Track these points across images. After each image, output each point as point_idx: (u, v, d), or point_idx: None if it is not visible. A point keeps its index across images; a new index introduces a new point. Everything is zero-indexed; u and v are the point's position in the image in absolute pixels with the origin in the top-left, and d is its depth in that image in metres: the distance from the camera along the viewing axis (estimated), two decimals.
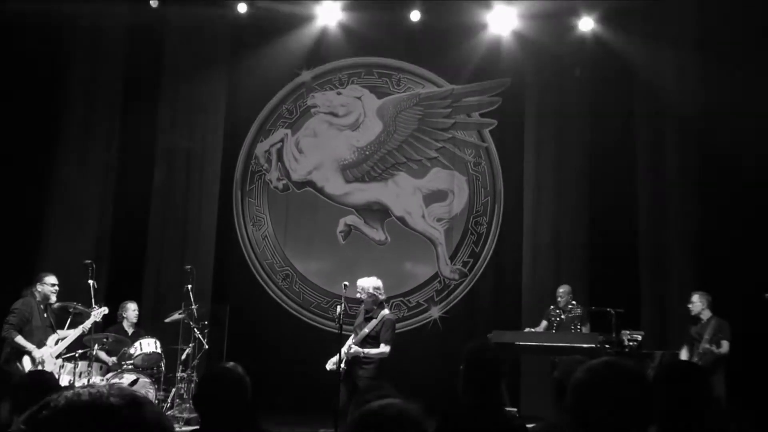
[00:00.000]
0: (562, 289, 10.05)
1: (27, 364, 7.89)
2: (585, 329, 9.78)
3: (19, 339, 7.84)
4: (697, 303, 9.20)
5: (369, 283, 7.77)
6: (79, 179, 11.47)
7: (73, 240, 11.24)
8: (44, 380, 4.16)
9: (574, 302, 9.98)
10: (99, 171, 11.59)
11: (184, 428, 8.98)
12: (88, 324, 8.47)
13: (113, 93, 11.72)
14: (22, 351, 7.92)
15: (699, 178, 10.72)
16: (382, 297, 8.02)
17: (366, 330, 7.63)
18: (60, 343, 8.18)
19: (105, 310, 8.80)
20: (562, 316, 9.89)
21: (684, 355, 9.14)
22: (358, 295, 7.89)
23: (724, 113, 10.13)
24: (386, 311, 7.88)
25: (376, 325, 7.62)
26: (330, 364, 7.76)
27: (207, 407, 3.12)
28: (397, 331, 11.46)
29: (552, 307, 10.09)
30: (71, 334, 8.31)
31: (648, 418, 2.14)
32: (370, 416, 1.82)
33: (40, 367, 7.89)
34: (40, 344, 8.01)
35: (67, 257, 10.97)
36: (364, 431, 1.80)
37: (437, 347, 11.54)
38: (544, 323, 10.03)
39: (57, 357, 8.26)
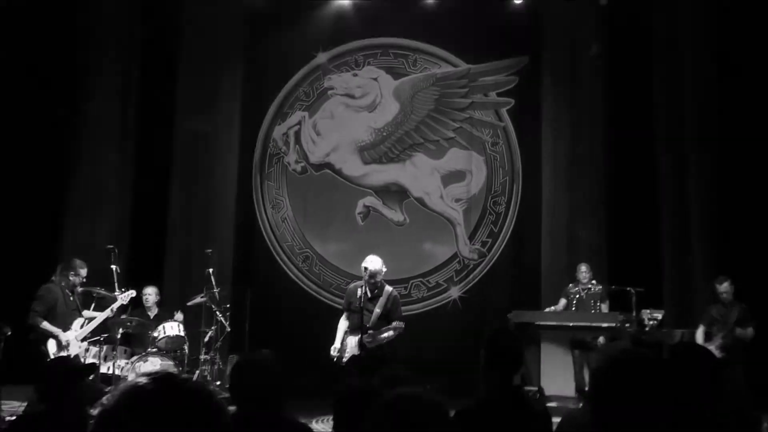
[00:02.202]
0: (583, 267, 10.04)
1: (52, 347, 7.97)
2: (604, 307, 9.78)
3: (45, 325, 7.93)
4: (731, 291, 9.16)
5: (380, 264, 7.69)
6: (98, 164, 11.53)
7: (93, 225, 11.33)
8: (66, 366, 4.24)
9: (594, 281, 9.97)
10: (118, 155, 11.64)
11: None
12: (114, 307, 8.54)
13: (131, 77, 11.76)
14: (48, 335, 8.00)
15: (721, 151, 10.64)
16: None
17: (378, 310, 7.57)
18: (85, 327, 8.24)
19: (132, 293, 8.86)
20: (582, 294, 9.89)
21: (700, 334, 9.10)
22: (373, 280, 7.70)
23: (744, 83, 10.09)
24: (389, 287, 7.81)
25: (386, 303, 7.58)
26: (350, 351, 7.62)
27: (241, 393, 3.19)
28: (417, 312, 11.60)
29: (571, 285, 10.09)
30: (97, 318, 8.37)
31: (668, 406, 2.16)
32: (393, 406, 1.84)
33: (65, 351, 7.98)
34: (66, 328, 8.09)
35: (88, 242, 11.08)
36: (386, 421, 1.82)
37: (457, 327, 11.59)
38: (563, 301, 10.04)
39: (82, 340, 8.33)
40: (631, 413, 2.11)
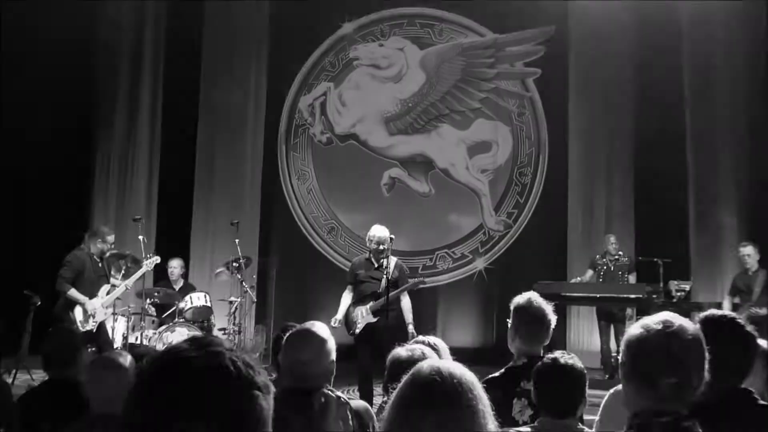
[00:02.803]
0: (612, 238, 9.96)
1: (78, 314, 7.99)
2: (631, 278, 9.72)
3: (72, 292, 7.96)
4: (754, 255, 9.01)
5: (387, 232, 7.59)
6: (126, 137, 11.61)
7: (122, 197, 11.43)
8: (71, 338, 4.29)
9: (621, 252, 9.90)
10: (145, 128, 11.70)
11: None
12: (139, 273, 8.58)
13: (156, 50, 11.79)
14: (74, 302, 8.04)
15: (750, 122, 10.50)
16: None
17: (386, 277, 7.46)
18: (112, 293, 8.27)
19: (157, 259, 8.87)
20: (609, 265, 9.81)
21: (727, 305, 8.93)
22: (381, 246, 7.56)
23: None
24: (393, 257, 7.69)
25: (393, 270, 7.52)
26: (363, 320, 7.53)
27: (286, 364, 3.20)
28: (442, 283, 11.61)
29: (598, 256, 10.03)
30: (123, 284, 8.40)
31: (702, 377, 2.14)
32: (422, 378, 1.83)
33: (92, 319, 8.02)
34: (92, 295, 8.11)
35: (117, 214, 11.19)
36: (416, 394, 1.81)
37: (482, 298, 11.60)
38: (590, 272, 9.98)
39: (108, 308, 8.34)
40: (671, 385, 2.09)
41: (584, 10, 11.42)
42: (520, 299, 3.76)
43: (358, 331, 7.46)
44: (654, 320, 2.17)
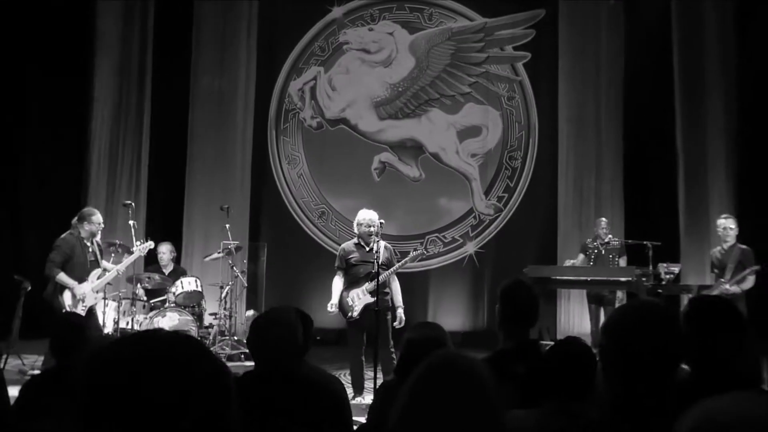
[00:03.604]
0: (603, 221, 9.98)
1: (68, 299, 7.95)
2: (622, 262, 9.74)
3: (61, 276, 7.93)
4: (735, 228, 8.73)
5: (375, 216, 7.57)
6: (116, 122, 11.56)
7: (112, 181, 11.41)
8: (73, 323, 4.28)
9: (611, 235, 9.92)
10: (135, 113, 11.65)
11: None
12: (131, 259, 8.57)
13: (145, 34, 11.71)
14: (63, 287, 8.02)
15: (738, 105, 10.54)
16: None
17: (378, 259, 7.44)
18: (102, 278, 8.24)
19: (150, 244, 8.84)
20: (600, 249, 9.83)
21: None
22: (371, 229, 7.51)
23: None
24: (381, 241, 7.66)
25: (384, 252, 7.53)
26: (360, 303, 7.48)
27: (259, 349, 3.22)
28: (433, 267, 11.64)
29: (589, 240, 10.05)
30: (114, 269, 8.36)
31: (678, 359, 2.17)
32: (439, 368, 1.85)
33: (81, 303, 7.99)
34: (81, 280, 8.07)
35: (107, 199, 11.17)
36: (432, 383, 1.83)
37: (473, 282, 11.65)
38: (581, 256, 10.00)
39: (99, 293, 8.31)
40: (646, 367, 2.11)
41: None
42: (507, 283, 3.78)
43: (356, 314, 7.40)
44: None
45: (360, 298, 7.41)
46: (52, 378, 3.86)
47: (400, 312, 7.49)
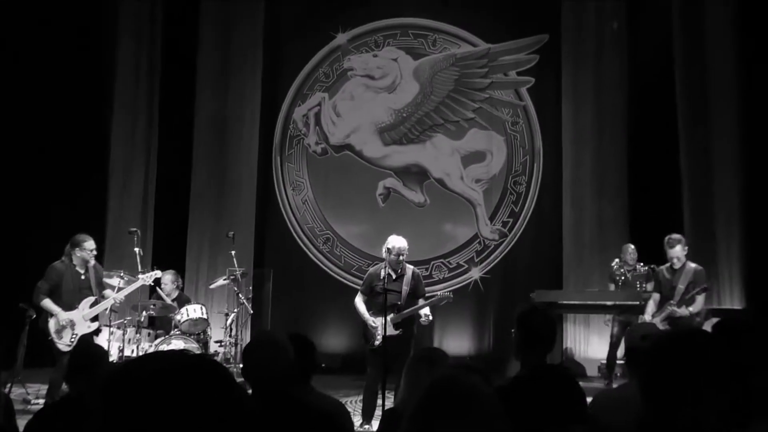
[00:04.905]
0: (631, 248, 9.82)
1: (52, 326, 7.90)
2: (649, 287, 9.48)
3: (45, 302, 7.83)
4: (680, 251, 8.35)
5: (404, 243, 7.56)
6: (122, 148, 11.58)
7: (118, 209, 11.41)
8: (87, 351, 4.25)
9: (641, 262, 9.76)
10: (141, 140, 11.67)
11: None
12: (134, 287, 8.44)
13: (152, 61, 11.78)
14: (49, 313, 7.93)
15: (742, 127, 10.50)
16: None
17: (406, 287, 7.45)
18: (96, 306, 8.14)
19: (157, 273, 8.77)
20: (628, 276, 9.70)
21: (649, 310, 8.48)
22: (401, 257, 7.53)
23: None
24: (410, 266, 7.67)
25: (411, 280, 7.51)
26: (381, 332, 7.40)
27: (252, 375, 3.22)
28: (438, 293, 11.60)
29: (615, 266, 9.86)
30: (111, 297, 8.25)
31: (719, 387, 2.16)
32: (443, 388, 1.86)
33: (69, 331, 7.88)
34: (71, 307, 7.92)
35: (113, 226, 11.18)
36: (436, 404, 1.84)
37: (478, 307, 11.61)
38: (611, 286, 9.79)
39: (94, 321, 8.18)
40: (684, 396, 2.09)
41: (577, 18, 11.48)
42: (523, 309, 3.77)
43: (377, 343, 7.32)
44: None
45: (382, 328, 7.31)
46: (64, 407, 3.84)
47: (425, 317, 7.43)
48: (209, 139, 11.92)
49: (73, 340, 7.86)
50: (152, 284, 9.18)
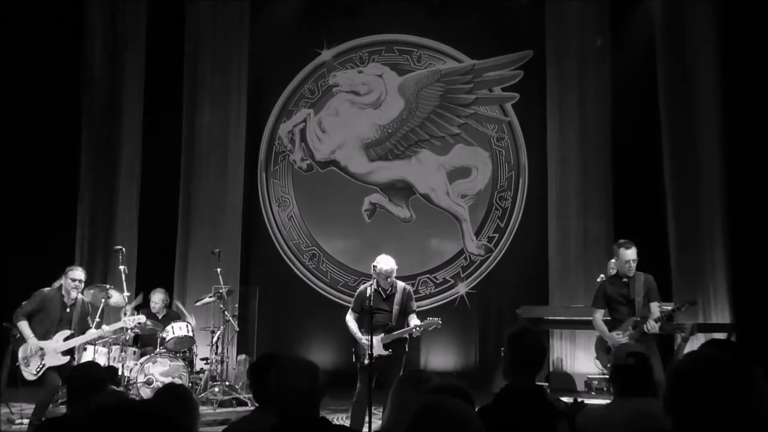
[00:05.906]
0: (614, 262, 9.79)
1: (21, 351, 7.76)
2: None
3: (21, 325, 7.66)
4: (635, 253, 7.63)
5: (393, 263, 7.54)
6: (106, 167, 11.52)
7: (103, 227, 11.36)
8: (86, 375, 4.21)
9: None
10: (125, 157, 11.62)
11: (218, 410, 9.09)
12: (116, 327, 8.30)
13: (136, 77, 11.73)
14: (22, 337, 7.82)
15: (727, 141, 10.54)
16: None
17: (396, 307, 7.45)
18: (71, 340, 7.86)
19: (141, 318, 8.54)
20: None
21: (605, 329, 7.79)
22: (390, 279, 7.50)
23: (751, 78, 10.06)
24: (401, 283, 7.67)
25: (402, 299, 7.51)
26: (379, 348, 7.35)
27: (286, 400, 3.18)
28: (424, 309, 11.60)
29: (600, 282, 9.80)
30: (89, 333, 8.04)
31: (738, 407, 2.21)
32: (430, 414, 1.91)
33: (35, 358, 7.67)
34: (47, 335, 7.78)
35: (98, 244, 11.13)
36: (423, 427, 1.88)
37: (464, 323, 11.61)
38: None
39: (66, 355, 7.83)
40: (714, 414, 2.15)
41: (561, 34, 11.55)
42: (515, 329, 3.76)
43: (366, 361, 7.28)
44: None
45: (374, 347, 7.26)
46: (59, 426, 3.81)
47: (414, 326, 7.42)
48: (194, 156, 11.87)
49: (39, 369, 7.68)
50: (139, 304, 9.13)
